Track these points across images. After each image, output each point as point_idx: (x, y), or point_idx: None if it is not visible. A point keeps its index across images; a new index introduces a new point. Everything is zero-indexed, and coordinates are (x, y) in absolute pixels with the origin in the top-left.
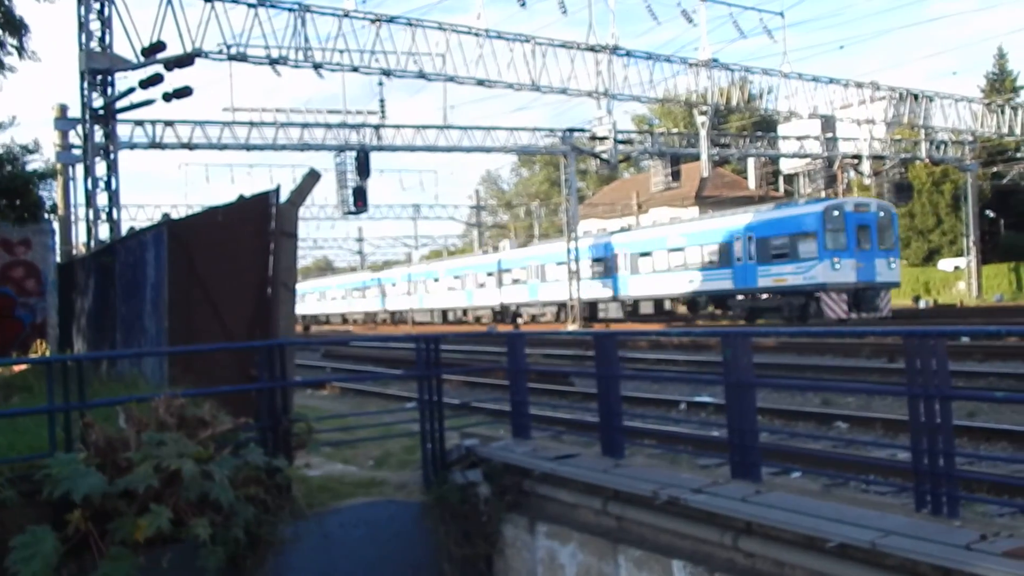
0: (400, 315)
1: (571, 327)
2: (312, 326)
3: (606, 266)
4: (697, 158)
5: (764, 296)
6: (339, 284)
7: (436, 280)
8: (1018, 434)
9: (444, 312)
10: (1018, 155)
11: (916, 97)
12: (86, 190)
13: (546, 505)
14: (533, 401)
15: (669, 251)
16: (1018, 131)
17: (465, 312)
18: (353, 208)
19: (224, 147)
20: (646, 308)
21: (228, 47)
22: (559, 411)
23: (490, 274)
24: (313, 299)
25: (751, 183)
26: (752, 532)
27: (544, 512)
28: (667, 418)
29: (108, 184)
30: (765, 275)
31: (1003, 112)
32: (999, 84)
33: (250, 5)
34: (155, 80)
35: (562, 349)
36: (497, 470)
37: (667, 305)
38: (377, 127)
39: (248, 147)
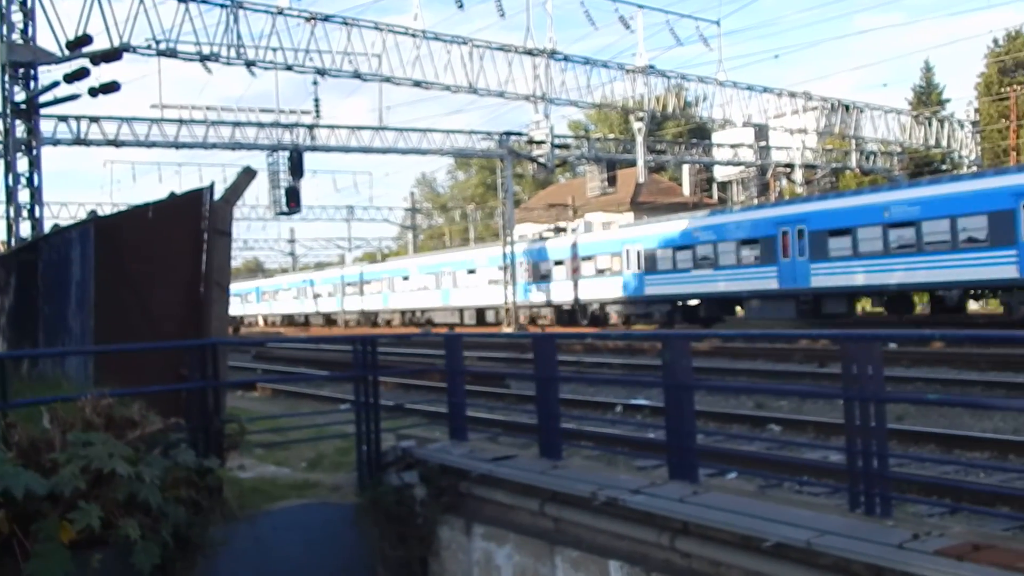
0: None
1: (507, 329)
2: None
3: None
4: (633, 164)
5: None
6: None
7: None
8: (946, 436)
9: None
10: (944, 166)
11: (847, 108)
12: (7, 187)
13: (483, 507)
14: (470, 403)
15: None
16: (944, 143)
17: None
18: (286, 209)
19: (152, 145)
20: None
21: (157, 42)
22: (496, 413)
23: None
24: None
25: (686, 190)
26: (689, 532)
27: (481, 514)
28: (604, 420)
29: (30, 181)
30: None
31: (930, 124)
32: (926, 97)
33: (181, 0)
34: (81, 74)
35: (498, 352)
36: (434, 472)
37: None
38: (311, 127)
39: (177, 145)
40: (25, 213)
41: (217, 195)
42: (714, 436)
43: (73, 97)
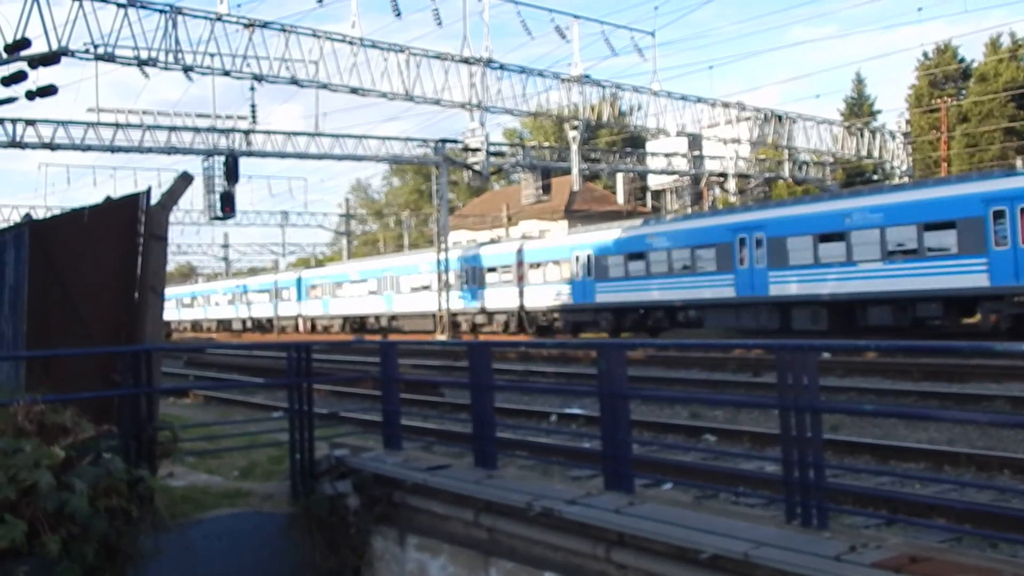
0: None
1: (440, 337)
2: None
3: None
4: (568, 172)
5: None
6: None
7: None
8: (881, 447)
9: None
10: (875, 177)
11: (780, 118)
12: None
13: (417, 517)
14: (405, 412)
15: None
16: (876, 153)
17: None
18: (220, 214)
19: (88, 148)
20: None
21: (95, 47)
22: (431, 422)
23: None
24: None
25: (620, 198)
26: (625, 544)
27: (414, 524)
28: (540, 429)
29: None
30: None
31: (862, 135)
32: (858, 108)
33: (119, 5)
34: (18, 78)
35: (433, 359)
36: (367, 481)
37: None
38: (247, 132)
39: (113, 149)
40: None
41: (153, 200)
42: (650, 446)
43: (10, 100)
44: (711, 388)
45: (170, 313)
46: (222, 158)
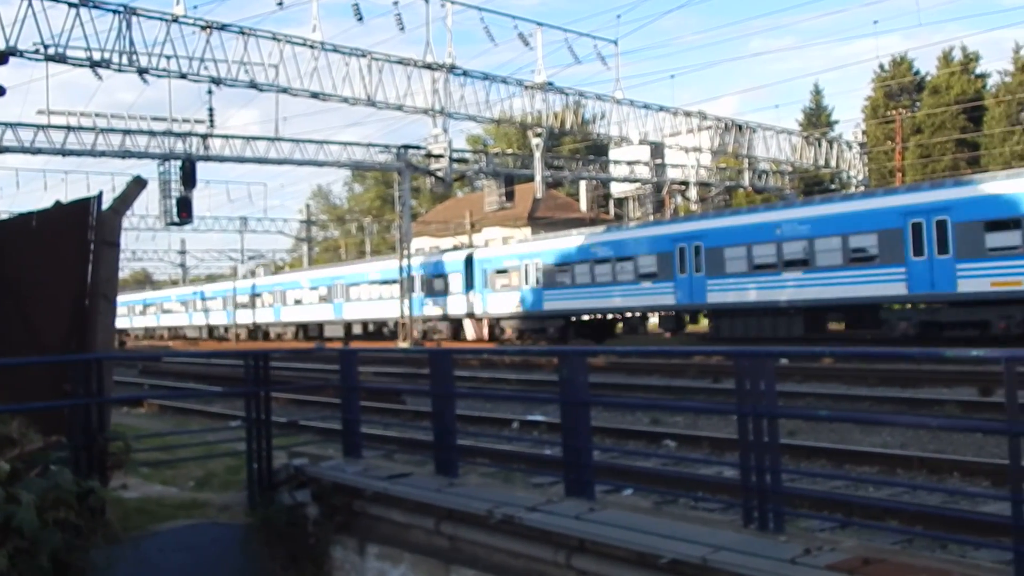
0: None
1: (402, 344)
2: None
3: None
4: (531, 179)
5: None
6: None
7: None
8: (836, 451)
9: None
10: (832, 186)
11: (740, 128)
12: None
13: (377, 526)
14: (366, 420)
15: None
16: (833, 163)
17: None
18: (177, 219)
19: (38, 151)
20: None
21: (46, 47)
22: (392, 430)
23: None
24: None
25: (583, 205)
26: (586, 550)
27: (375, 533)
28: (502, 437)
29: None
30: None
31: (820, 145)
32: (816, 118)
33: (71, 4)
34: None
35: (395, 367)
36: (327, 490)
37: None
38: (205, 136)
39: (64, 152)
40: None
41: (105, 205)
42: (610, 452)
43: None
44: (672, 394)
45: (122, 321)
46: (178, 162)
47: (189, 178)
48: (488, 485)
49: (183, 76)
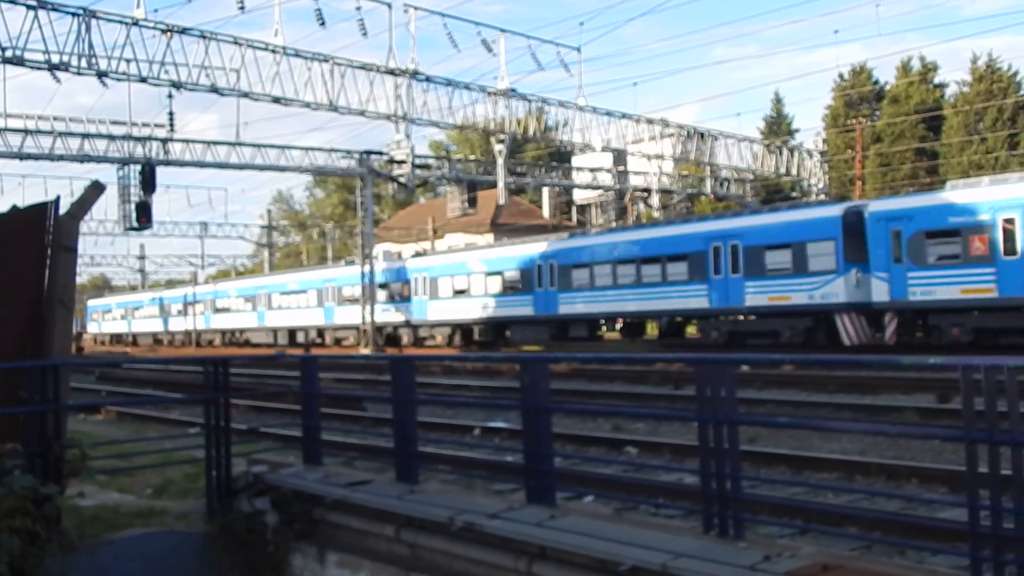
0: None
1: (364, 351)
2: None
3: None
4: (494, 185)
5: None
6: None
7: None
8: (796, 458)
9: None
10: (793, 194)
11: (702, 136)
12: None
13: (337, 533)
14: (326, 426)
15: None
16: (794, 171)
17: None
18: (136, 224)
19: None
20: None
21: (3, 49)
22: (353, 437)
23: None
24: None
25: (546, 212)
26: (546, 557)
27: (335, 540)
28: (463, 443)
29: None
30: None
31: (780, 153)
32: (776, 127)
33: (29, 7)
34: None
35: (355, 373)
36: (286, 498)
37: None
38: (164, 141)
39: (21, 156)
40: None
41: (63, 209)
42: (572, 459)
43: None
44: (633, 401)
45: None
46: (138, 167)
47: (149, 183)
48: (449, 492)
49: (143, 80)
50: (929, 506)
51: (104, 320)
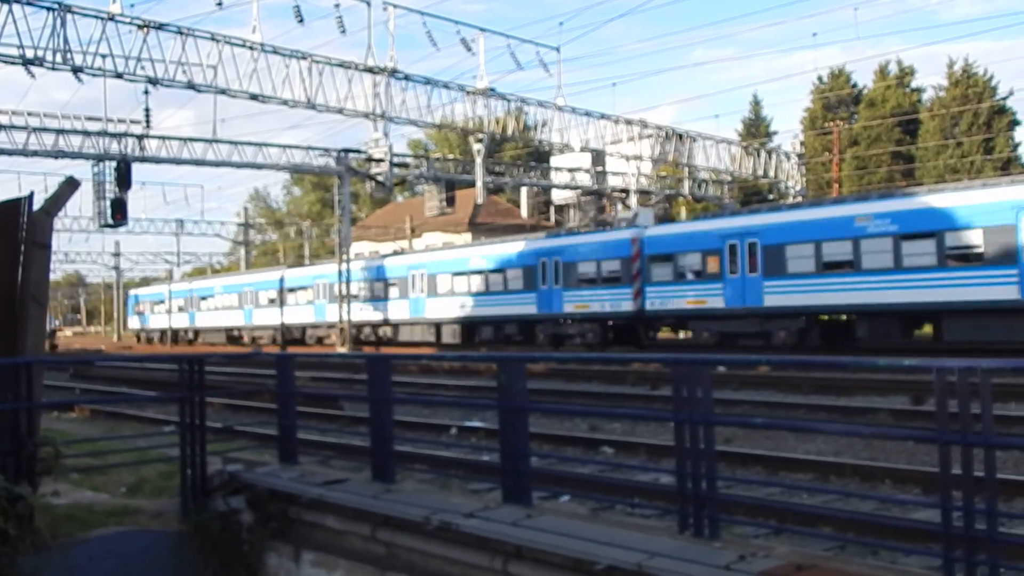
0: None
1: (341, 350)
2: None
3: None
4: (472, 185)
5: None
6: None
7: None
8: (771, 458)
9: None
10: (770, 196)
11: (681, 137)
12: None
13: (313, 532)
14: (303, 425)
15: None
16: (771, 173)
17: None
18: (111, 221)
19: None
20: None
21: None
22: (329, 435)
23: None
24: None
25: (524, 212)
26: (522, 556)
27: (310, 540)
28: (440, 443)
29: None
30: None
31: (758, 155)
32: (755, 129)
33: (4, 1)
34: None
35: (332, 372)
36: (262, 497)
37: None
38: (140, 137)
39: None
40: None
41: (37, 205)
42: (549, 459)
43: None
44: (610, 401)
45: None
46: (113, 163)
47: (124, 179)
48: (425, 491)
49: (119, 76)
50: (902, 507)
51: (153, 313)
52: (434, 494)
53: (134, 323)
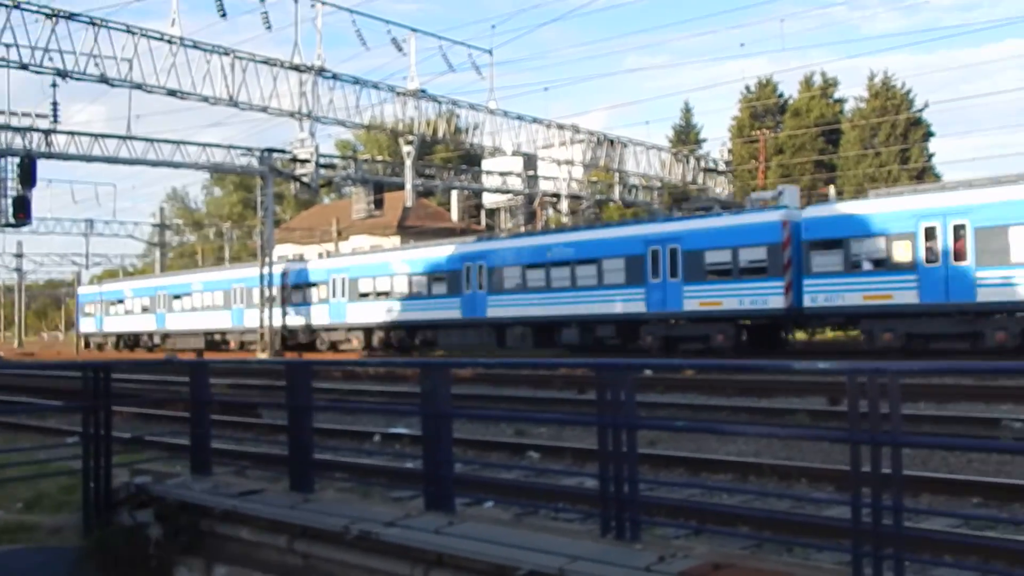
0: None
1: (261, 356)
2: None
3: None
4: (401, 187)
5: None
6: None
7: None
8: (693, 460)
9: None
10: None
11: (612, 142)
12: None
13: (226, 546)
14: (218, 434)
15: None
16: (700, 180)
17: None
18: (13, 220)
19: None
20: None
21: None
22: (246, 444)
23: None
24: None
25: (454, 215)
26: (444, 564)
27: (223, 553)
28: (362, 451)
29: None
30: None
31: (688, 162)
32: (685, 136)
33: None
34: None
35: (252, 379)
36: (171, 509)
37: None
38: (47, 132)
39: None
40: None
41: None
42: (473, 465)
43: None
44: (537, 405)
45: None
46: (16, 159)
47: (28, 176)
48: (345, 500)
49: (24, 67)
50: (816, 505)
51: (109, 315)
52: (355, 503)
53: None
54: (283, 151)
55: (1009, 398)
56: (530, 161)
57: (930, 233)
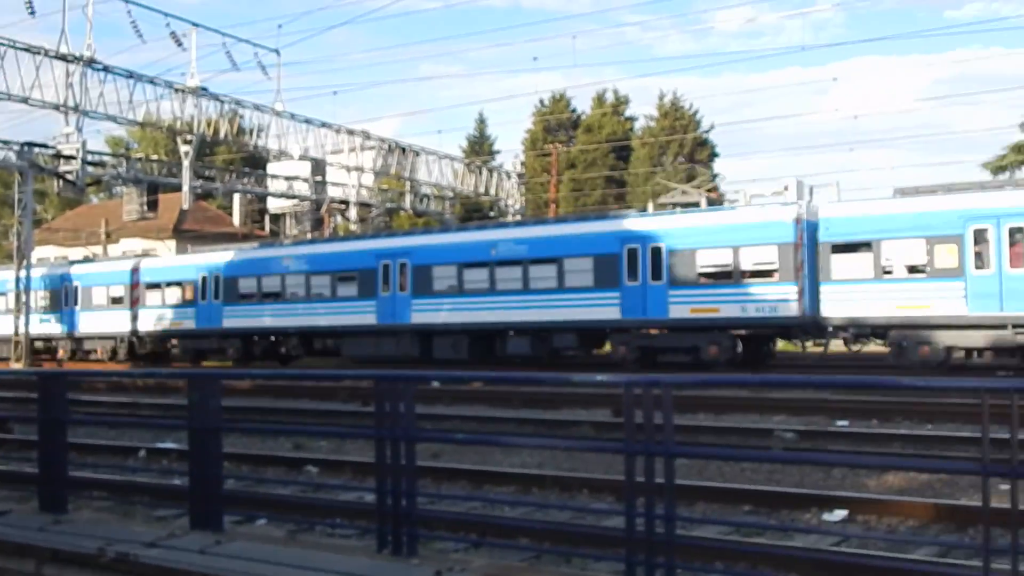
0: None
1: (16, 365)
2: None
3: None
4: (178, 188)
5: None
6: None
7: None
8: (476, 473)
9: None
10: (491, 213)
11: (404, 150)
12: None
13: None
14: None
15: None
16: (493, 191)
17: None
18: None
19: None
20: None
21: None
22: None
23: None
24: None
25: (236, 220)
26: None
27: None
28: (125, 467)
29: None
30: None
31: (481, 173)
32: (479, 147)
33: None
34: None
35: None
36: None
37: None
38: None
39: None
40: None
41: None
42: (246, 480)
43: None
44: (319, 418)
45: None
46: None
47: None
48: (103, 521)
49: None
50: (596, 516)
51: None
52: (113, 523)
53: None
54: (46, 146)
55: (782, 410)
56: (318, 166)
57: (979, 236)
